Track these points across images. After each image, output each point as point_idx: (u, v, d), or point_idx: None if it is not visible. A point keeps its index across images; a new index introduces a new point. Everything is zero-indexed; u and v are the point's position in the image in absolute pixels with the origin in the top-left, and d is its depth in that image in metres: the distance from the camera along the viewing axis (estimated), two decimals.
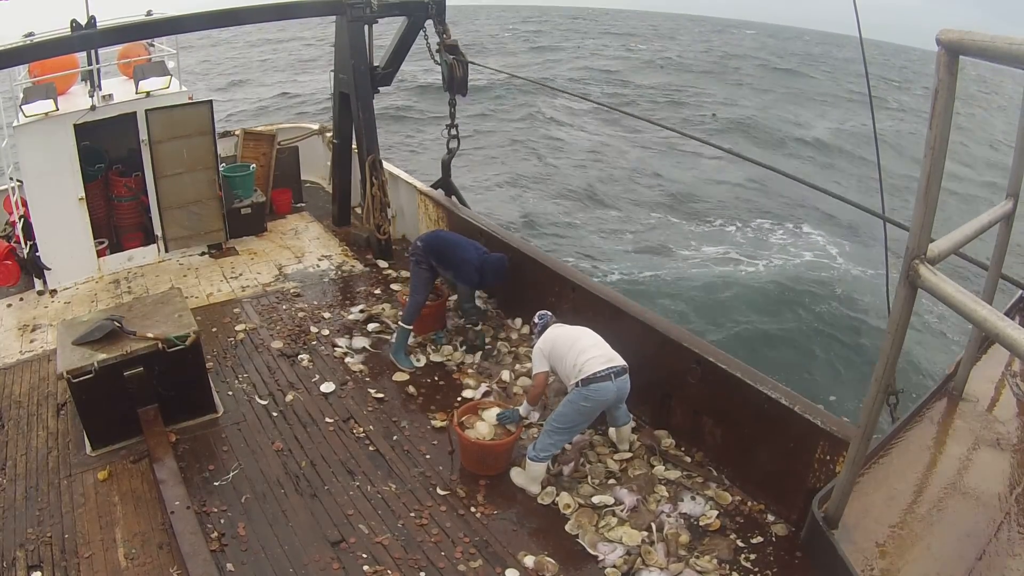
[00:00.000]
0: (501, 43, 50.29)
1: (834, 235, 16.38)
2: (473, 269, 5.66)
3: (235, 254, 7.79)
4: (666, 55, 49.39)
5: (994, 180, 21.64)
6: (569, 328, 4.71)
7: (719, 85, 37.40)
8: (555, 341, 4.55)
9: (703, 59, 48.83)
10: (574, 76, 36.51)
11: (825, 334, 11.93)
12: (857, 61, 3.95)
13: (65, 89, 7.08)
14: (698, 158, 22.26)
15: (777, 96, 35.07)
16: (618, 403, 4.50)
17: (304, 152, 9.24)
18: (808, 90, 38.07)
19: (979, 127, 30.86)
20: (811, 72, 45.75)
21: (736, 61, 48.58)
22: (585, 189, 18.47)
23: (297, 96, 28.65)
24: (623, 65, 42.48)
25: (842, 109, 32.17)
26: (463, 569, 3.86)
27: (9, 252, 6.85)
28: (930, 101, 1.77)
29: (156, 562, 3.85)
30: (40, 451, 4.76)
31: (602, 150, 22.76)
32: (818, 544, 2.31)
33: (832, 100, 35.10)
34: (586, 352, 4.37)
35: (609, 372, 4.28)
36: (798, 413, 3.94)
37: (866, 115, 6.10)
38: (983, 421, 2.83)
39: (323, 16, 7.34)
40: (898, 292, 1.94)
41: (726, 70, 43.66)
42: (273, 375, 5.58)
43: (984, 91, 41.98)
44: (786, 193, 18.38)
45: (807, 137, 26.72)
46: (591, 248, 14.75)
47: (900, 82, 46.10)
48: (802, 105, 33.21)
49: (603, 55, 47.56)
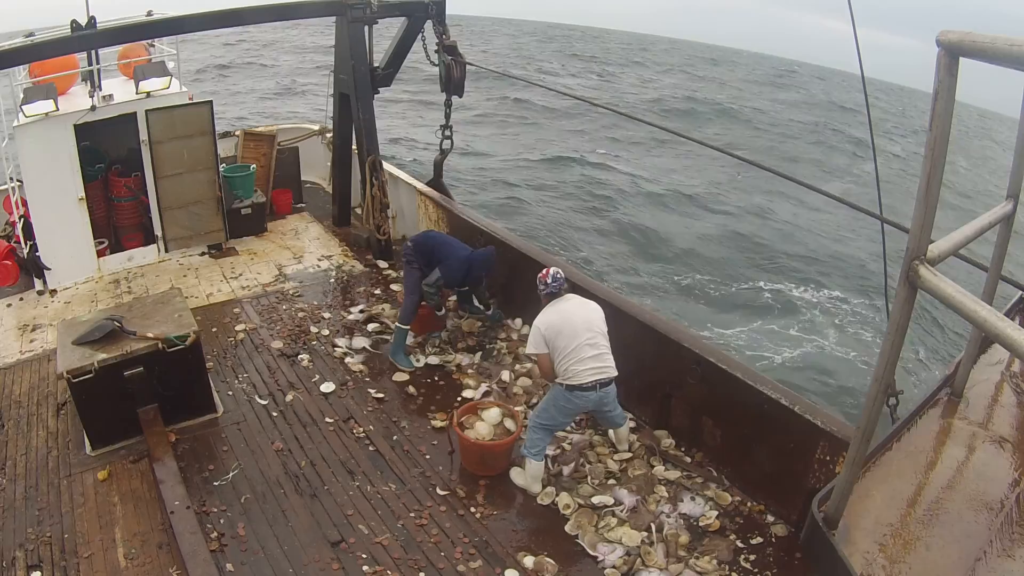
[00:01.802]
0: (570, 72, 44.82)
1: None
2: (459, 262, 5.64)
3: (235, 254, 7.80)
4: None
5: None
6: (574, 313, 4.36)
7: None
8: (559, 330, 4.26)
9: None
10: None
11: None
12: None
13: (65, 89, 7.08)
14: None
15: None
16: (600, 410, 4.46)
17: (304, 152, 9.25)
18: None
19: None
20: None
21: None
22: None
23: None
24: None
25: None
26: (463, 569, 3.86)
27: (9, 252, 6.85)
28: (930, 102, 1.78)
29: (156, 562, 3.85)
30: (40, 451, 4.76)
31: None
32: (818, 545, 2.31)
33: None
34: (584, 361, 4.23)
35: (595, 383, 4.24)
36: (798, 413, 3.94)
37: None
38: (983, 421, 2.83)
39: (323, 16, 7.34)
40: (898, 292, 1.94)
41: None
42: (273, 375, 5.58)
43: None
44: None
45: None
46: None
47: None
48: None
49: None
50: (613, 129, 25.99)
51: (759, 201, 19.15)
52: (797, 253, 15.96)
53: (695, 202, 19.00)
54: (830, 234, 17.51)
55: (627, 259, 14.83)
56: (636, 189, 19.51)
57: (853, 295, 13.88)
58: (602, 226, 16.45)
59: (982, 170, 29.25)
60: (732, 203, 19.06)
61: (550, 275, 4.47)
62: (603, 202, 18.03)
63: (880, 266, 4.46)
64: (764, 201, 19.17)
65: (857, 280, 14.50)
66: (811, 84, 55.77)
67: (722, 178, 21.08)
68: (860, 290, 14.00)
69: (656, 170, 21.68)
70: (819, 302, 13.70)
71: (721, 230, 16.93)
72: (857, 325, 12.75)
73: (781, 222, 18.07)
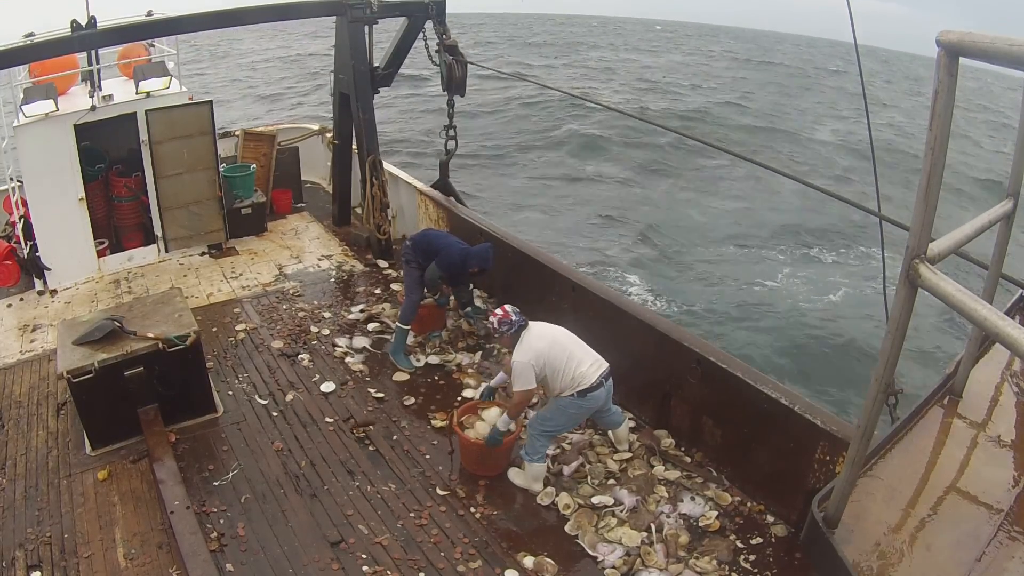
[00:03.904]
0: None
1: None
2: (455, 255, 5.65)
3: (235, 254, 7.80)
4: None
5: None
6: (553, 335, 4.37)
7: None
8: (548, 356, 4.22)
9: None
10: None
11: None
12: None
13: (65, 89, 7.08)
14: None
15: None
16: (606, 406, 4.46)
17: (304, 152, 9.26)
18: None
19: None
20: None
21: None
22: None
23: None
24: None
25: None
26: (462, 570, 3.85)
27: (9, 252, 6.85)
28: (930, 102, 1.77)
29: (156, 562, 3.85)
30: (40, 451, 4.76)
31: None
32: (818, 545, 2.31)
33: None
34: (582, 363, 4.24)
35: (600, 379, 4.26)
36: (798, 413, 3.94)
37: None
38: (983, 421, 2.82)
39: (323, 16, 7.34)
40: (898, 292, 1.94)
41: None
42: (273, 375, 5.58)
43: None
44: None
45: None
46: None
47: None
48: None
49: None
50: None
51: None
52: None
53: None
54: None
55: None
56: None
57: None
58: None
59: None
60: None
61: (510, 312, 4.39)
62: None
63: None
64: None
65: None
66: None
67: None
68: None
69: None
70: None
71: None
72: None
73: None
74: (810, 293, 13.57)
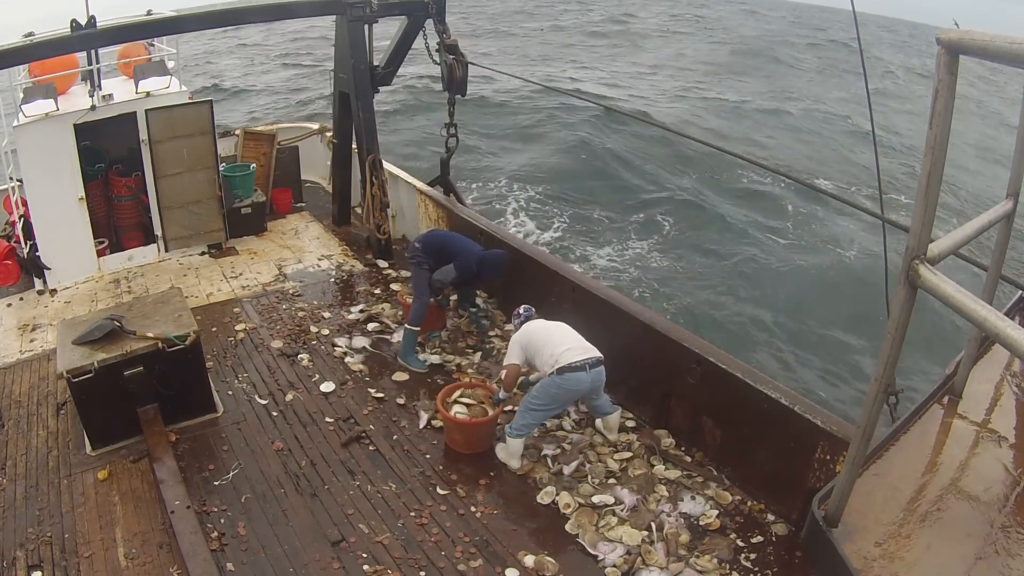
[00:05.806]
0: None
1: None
2: (473, 261, 5.71)
3: (235, 254, 7.79)
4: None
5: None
6: (546, 322, 4.85)
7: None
8: (532, 334, 4.71)
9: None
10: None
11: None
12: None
13: (65, 89, 7.07)
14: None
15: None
16: (593, 393, 4.62)
17: (304, 152, 9.24)
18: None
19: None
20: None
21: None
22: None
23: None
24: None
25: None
26: (463, 569, 3.86)
27: (9, 252, 6.85)
28: (930, 101, 1.77)
29: (156, 562, 3.86)
30: (40, 451, 4.76)
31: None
32: (818, 544, 2.31)
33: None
34: (562, 344, 4.54)
35: (584, 363, 4.43)
36: (798, 413, 3.94)
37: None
38: (983, 421, 2.83)
39: (323, 16, 7.33)
40: (898, 292, 1.94)
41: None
42: (273, 375, 5.58)
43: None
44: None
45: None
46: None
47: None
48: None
49: None
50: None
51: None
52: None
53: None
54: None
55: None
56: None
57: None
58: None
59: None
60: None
61: (522, 308, 5.12)
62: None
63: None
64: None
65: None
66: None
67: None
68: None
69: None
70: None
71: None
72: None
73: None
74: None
